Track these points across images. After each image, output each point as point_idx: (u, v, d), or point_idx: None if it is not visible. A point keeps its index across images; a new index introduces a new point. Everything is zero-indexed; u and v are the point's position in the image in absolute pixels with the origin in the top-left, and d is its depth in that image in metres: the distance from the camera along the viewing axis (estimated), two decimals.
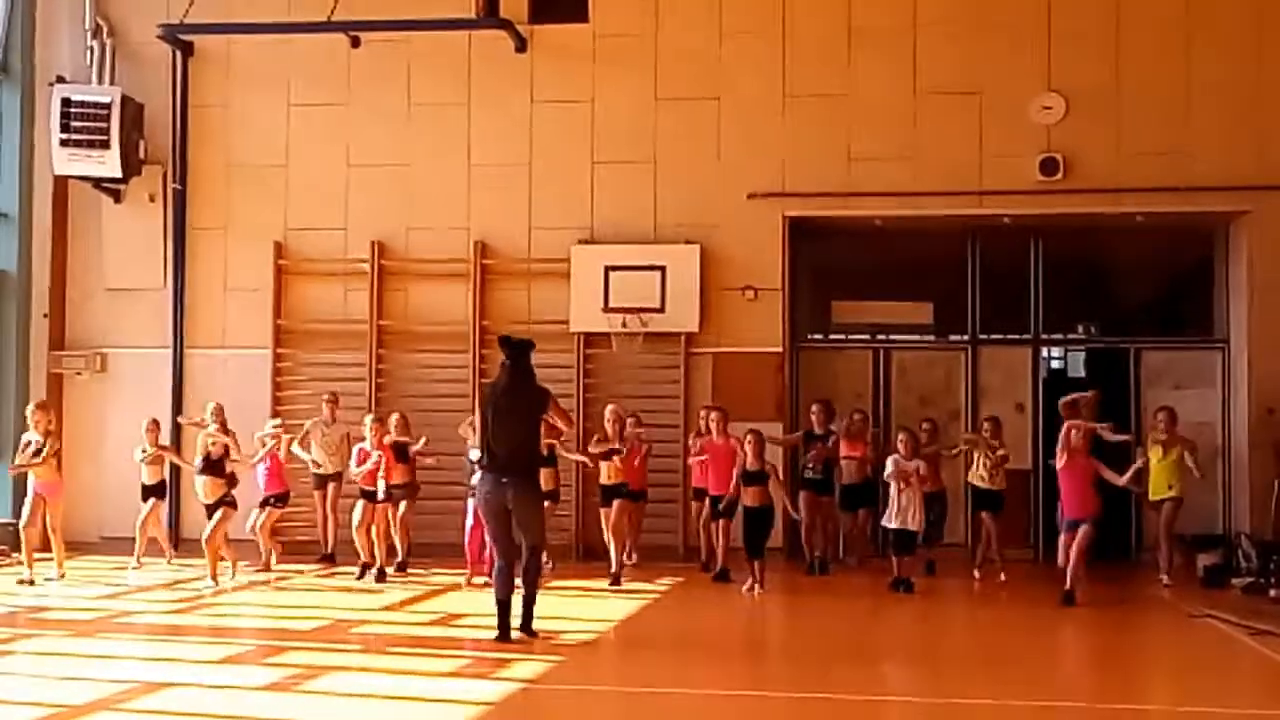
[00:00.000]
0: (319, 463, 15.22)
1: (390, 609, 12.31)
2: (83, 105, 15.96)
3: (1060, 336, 17.29)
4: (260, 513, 14.52)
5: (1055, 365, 17.37)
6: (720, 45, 16.25)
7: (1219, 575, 14.12)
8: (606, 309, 15.90)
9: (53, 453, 13.72)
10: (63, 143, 15.97)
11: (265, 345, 16.55)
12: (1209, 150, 15.47)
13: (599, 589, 13.39)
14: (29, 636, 10.83)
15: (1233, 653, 10.79)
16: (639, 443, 14.36)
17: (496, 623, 10.39)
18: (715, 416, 14.14)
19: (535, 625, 10.54)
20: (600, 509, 14.19)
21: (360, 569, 14.00)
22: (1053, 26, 15.79)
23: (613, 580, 13.56)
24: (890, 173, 15.87)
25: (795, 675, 9.90)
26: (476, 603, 12.07)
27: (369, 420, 14.44)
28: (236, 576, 13.76)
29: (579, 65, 16.38)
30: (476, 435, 11.36)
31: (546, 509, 12.30)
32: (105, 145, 15.94)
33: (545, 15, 16.48)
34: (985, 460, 14.23)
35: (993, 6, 15.92)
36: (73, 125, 15.90)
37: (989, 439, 14.36)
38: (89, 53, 16.77)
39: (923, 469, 13.52)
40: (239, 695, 8.54)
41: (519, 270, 16.39)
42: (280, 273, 16.66)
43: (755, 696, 9.09)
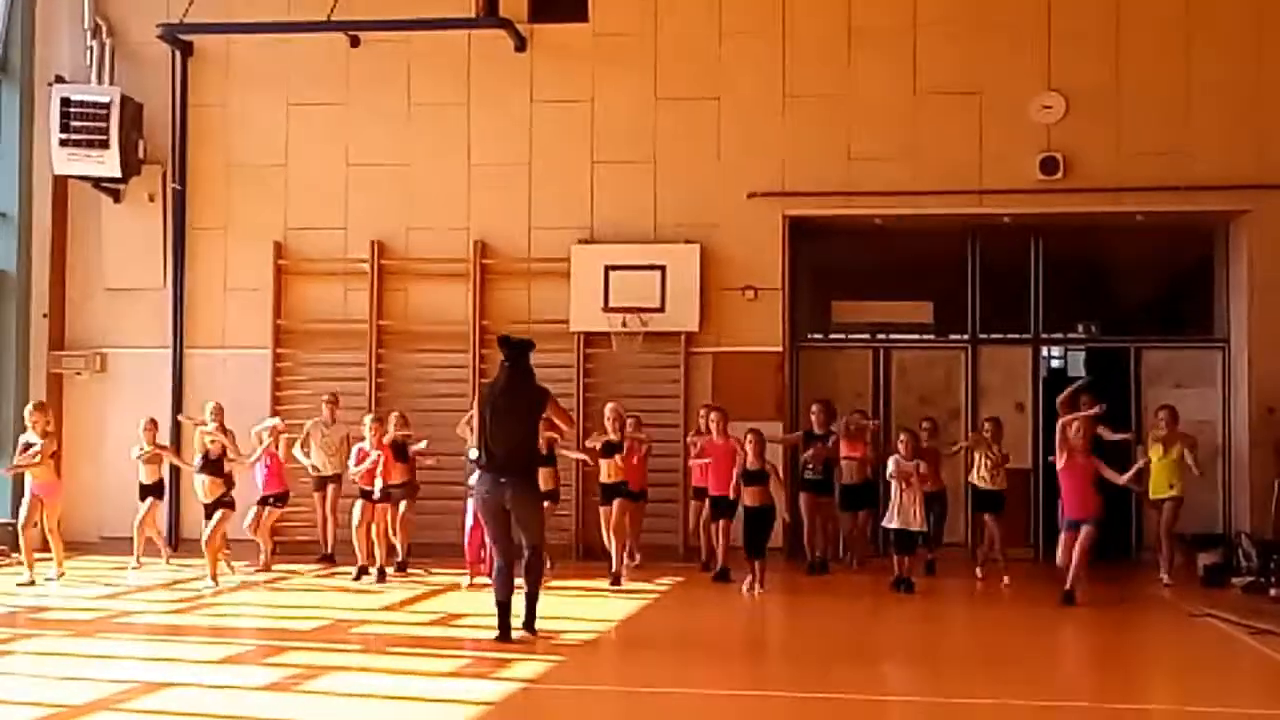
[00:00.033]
0: (318, 468, 15.19)
1: (390, 609, 12.30)
2: (82, 105, 15.95)
3: (1060, 336, 17.27)
4: (259, 510, 14.50)
5: (1055, 364, 17.36)
6: (720, 45, 16.25)
7: (1219, 574, 14.12)
8: (606, 309, 15.90)
9: (49, 453, 13.70)
10: (62, 142, 15.96)
11: (265, 345, 16.55)
12: (1209, 149, 15.47)
13: (599, 589, 13.38)
14: (29, 636, 10.83)
15: (1233, 652, 10.79)
16: (638, 443, 14.36)
17: (497, 623, 10.39)
18: (715, 417, 14.13)
19: (537, 625, 10.53)
20: (600, 508, 14.19)
21: (358, 571, 13.95)
22: (1053, 26, 15.79)
23: (613, 580, 13.56)
24: (890, 172, 15.86)
25: (795, 675, 9.89)
26: (476, 603, 12.06)
27: (368, 420, 14.42)
28: (208, 580, 13.47)
29: (579, 65, 16.37)
30: (474, 435, 11.35)
31: (546, 509, 12.30)
32: (105, 145, 15.93)
33: (545, 15, 16.47)
34: (986, 460, 14.22)
35: (993, 6, 15.91)
36: (72, 125, 15.88)
37: (990, 439, 14.34)
38: (88, 52, 16.75)
39: (923, 468, 13.53)
40: (239, 695, 8.54)
41: (519, 270, 16.39)
42: (280, 272, 16.65)
43: (756, 696, 9.08)
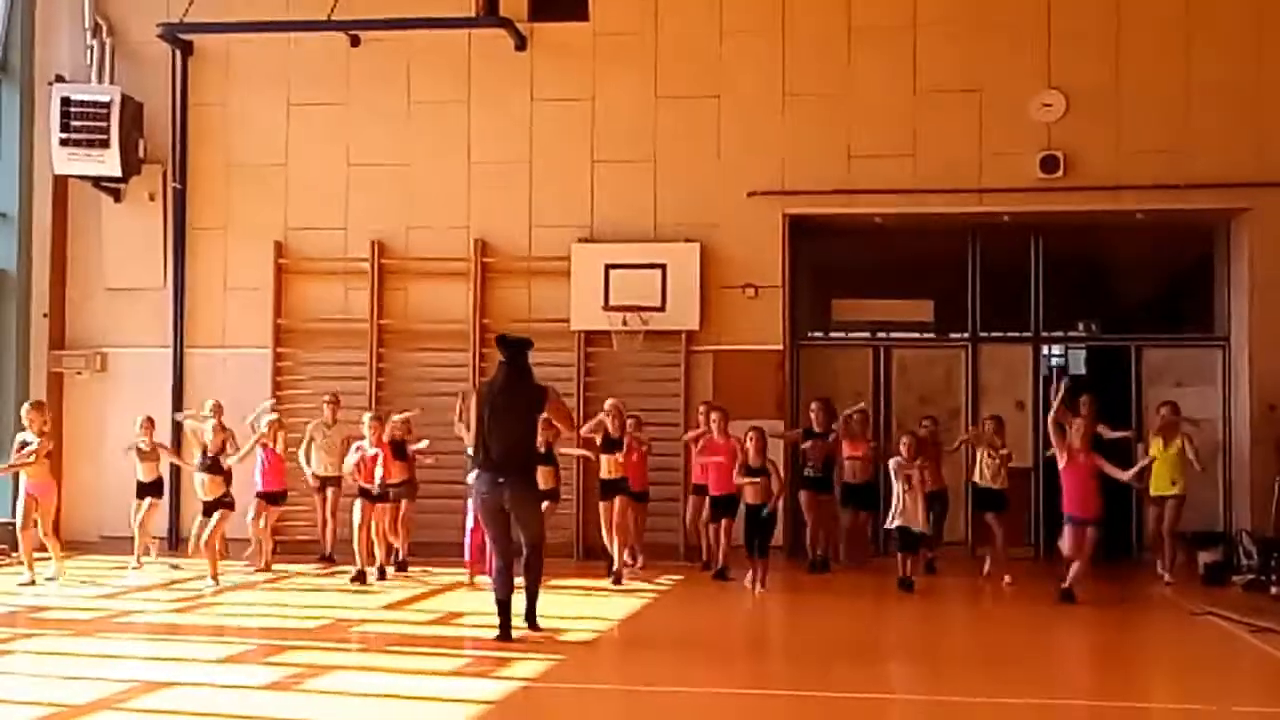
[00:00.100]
0: (318, 474, 15.11)
1: (390, 608, 12.29)
2: (82, 104, 15.96)
3: (1061, 334, 17.26)
4: (260, 504, 14.46)
5: (1056, 363, 17.36)
6: (720, 44, 16.24)
7: (1220, 573, 14.12)
8: (607, 307, 15.89)
9: (45, 453, 13.66)
10: (62, 142, 15.96)
11: (265, 345, 16.55)
12: (1209, 148, 15.45)
13: (599, 588, 13.38)
14: (29, 636, 10.82)
15: (1234, 650, 10.79)
16: (638, 441, 14.34)
17: (498, 623, 10.39)
18: (716, 416, 14.11)
19: (539, 624, 10.54)
20: (600, 503, 14.12)
21: (356, 574, 13.71)
22: (1053, 25, 15.78)
23: (614, 579, 13.55)
24: (890, 171, 15.86)
25: (796, 674, 9.90)
26: (476, 602, 12.06)
27: (367, 418, 14.36)
28: (209, 580, 13.38)
29: (579, 63, 16.37)
30: (470, 434, 11.34)
31: (547, 508, 12.29)
32: (105, 144, 15.93)
33: (545, 13, 16.47)
34: (988, 459, 14.20)
35: (993, 5, 15.91)
36: (72, 124, 15.89)
37: (991, 434, 14.31)
38: (89, 52, 16.76)
39: (924, 469, 13.51)
40: (240, 694, 8.53)
41: (519, 269, 16.39)
42: (280, 272, 16.65)
43: (756, 695, 9.07)
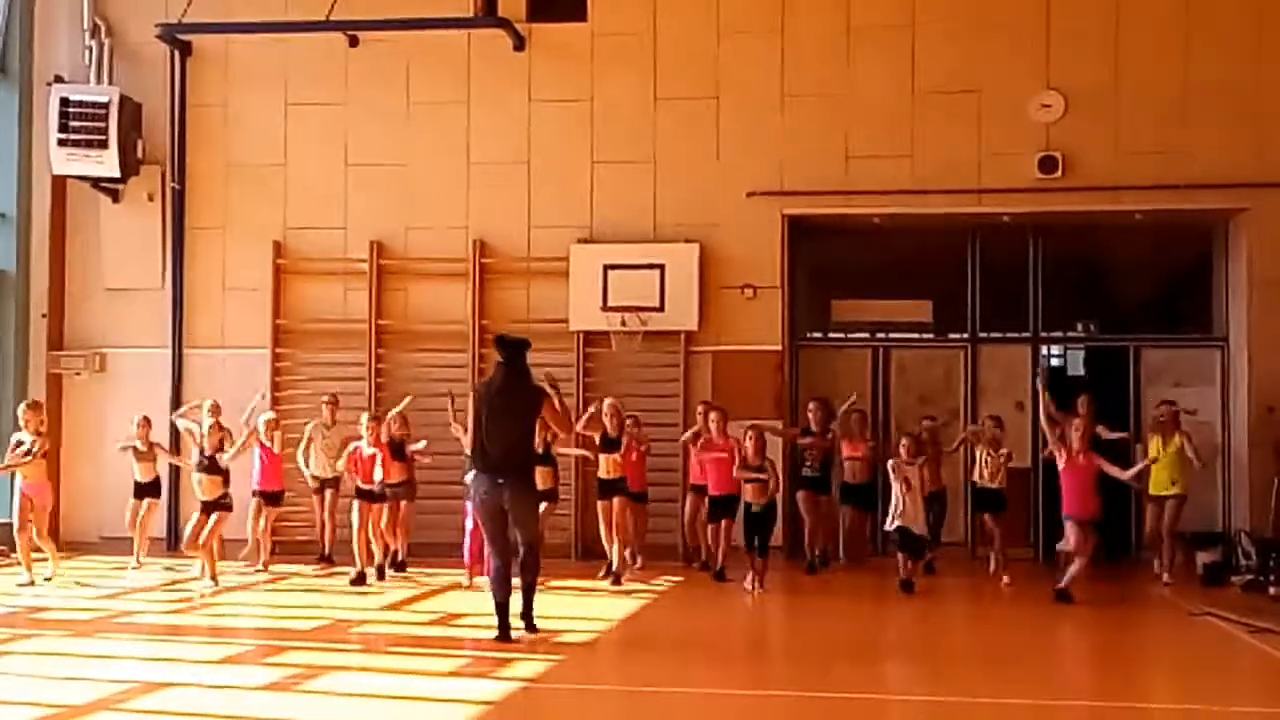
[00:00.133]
0: (318, 476, 15.10)
1: (390, 609, 12.29)
2: (81, 105, 15.94)
3: (1060, 334, 17.26)
4: (259, 503, 14.43)
5: (1055, 363, 17.36)
6: (719, 44, 16.24)
7: (1219, 573, 14.12)
8: (606, 308, 15.89)
9: (41, 453, 13.63)
10: (61, 142, 15.95)
11: (264, 345, 16.54)
12: (1207, 148, 15.45)
13: (599, 589, 13.38)
14: (29, 636, 10.81)
15: (1232, 651, 10.80)
16: (636, 441, 14.33)
17: (497, 623, 10.39)
18: (715, 417, 14.09)
19: (536, 623, 10.55)
20: (599, 503, 14.09)
21: (356, 576, 13.69)
22: (1052, 25, 15.78)
23: (613, 579, 13.55)
24: (889, 171, 15.86)
25: (795, 674, 9.91)
26: (476, 603, 12.04)
27: (365, 418, 14.35)
28: (207, 581, 13.39)
29: (578, 64, 16.37)
30: (467, 435, 11.33)
31: (545, 509, 12.28)
32: (103, 145, 15.92)
33: (543, 14, 16.46)
34: (987, 459, 14.20)
35: (992, 5, 15.90)
36: (71, 125, 15.88)
37: (991, 435, 14.30)
38: (87, 52, 16.75)
39: (924, 470, 13.52)
40: (239, 695, 8.54)
41: (518, 269, 16.38)
42: (279, 272, 16.65)
43: (756, 695, 9.08)
